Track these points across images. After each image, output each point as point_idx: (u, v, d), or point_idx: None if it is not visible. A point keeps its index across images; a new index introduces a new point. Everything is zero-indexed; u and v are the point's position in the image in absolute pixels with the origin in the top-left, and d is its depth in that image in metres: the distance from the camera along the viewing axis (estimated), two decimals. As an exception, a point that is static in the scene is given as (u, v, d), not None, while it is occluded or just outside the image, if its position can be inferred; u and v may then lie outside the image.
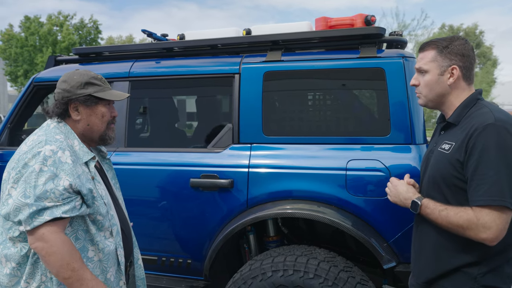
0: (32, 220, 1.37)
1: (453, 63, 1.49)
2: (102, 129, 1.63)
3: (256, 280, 1.98)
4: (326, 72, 2.25)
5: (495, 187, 1.30)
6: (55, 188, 1.39)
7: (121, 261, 1.62)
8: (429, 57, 1.53)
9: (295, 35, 2.34)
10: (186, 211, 2.31)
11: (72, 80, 1.58)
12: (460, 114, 1.49)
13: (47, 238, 1.38)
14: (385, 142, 2.10)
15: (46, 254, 1.38)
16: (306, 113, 2.34)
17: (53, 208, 1.39)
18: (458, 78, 1.50)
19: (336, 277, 1.90)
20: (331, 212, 2.07)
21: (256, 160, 2.23)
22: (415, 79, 1.60)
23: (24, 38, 34.28)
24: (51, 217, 1.38)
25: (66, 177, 1.42)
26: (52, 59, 2.96)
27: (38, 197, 1.38)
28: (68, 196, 1.42)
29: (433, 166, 1.53)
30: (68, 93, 1.56)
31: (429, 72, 1.53)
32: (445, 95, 1.53)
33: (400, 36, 2.37)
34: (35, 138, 1.50)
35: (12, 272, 1.48)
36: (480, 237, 1.33)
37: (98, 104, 1.61)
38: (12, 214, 1.39)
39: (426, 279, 1.53)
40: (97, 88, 1.59)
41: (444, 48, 1.51)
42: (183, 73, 2.46)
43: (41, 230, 1.38)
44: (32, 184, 1.38)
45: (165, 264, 2.42)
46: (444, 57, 1.50)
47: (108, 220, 1.57)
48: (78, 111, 1.59)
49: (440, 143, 1.53)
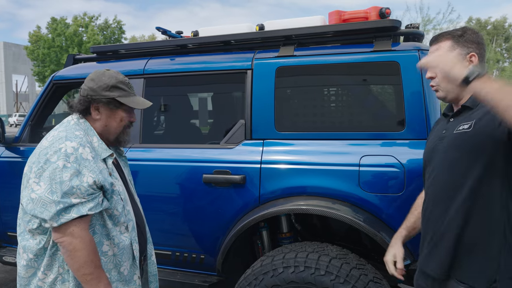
0: (59, 217, 1.40)
1: (471, 50, 1.46)
2: (118, 131, 1.66)
3: (267, 276, 1.98)
4: (339, 66, 2.22)
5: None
6: (80, 184, 1.42)
7: (136, 256, 1.64)
8: (447, 46, 1.48)
9: (308, 29, 2.31)
10: (199, 206, 2.32)
11: (100, 81, 1.60)
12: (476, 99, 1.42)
13: (76, 234, 1.41)
14: (400, 137, 2.05)
15: (73, 249, 1.41)
16: (319, 109, 2.30)
17: (79, 205, 1.42)
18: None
19: (348, 274, 1.87)
20: (343, 209, 2.04)
21: (268, 156, 2.22)
22: (431, 72, 1.51)
23: (51, 39, 35.37)
24: (78, 214, 1.41)
25: (89, 173, 1.45)
26: (71, 58, 3.03)
27: (65, 193, 1.40)
28: (93, 192, 1.45)
29: (452, 148, 1.42)
30: (93, 92, 1.59)
31: None
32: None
33: (417, 28, 2.31)
34: (56, 133, 1.53)
35: (29, 264, 1.53)
36: None
37: (119, 109, 1.63)
38: (38, 210, 1.41)
39: (439, 274, 1.47)
40: (122, 93, 1.61)
41: (460, 37, 1.47)
42: (196, 70, 2.47)
43: (70, 226, 1.41)
44: (57, 180, 1.41)
45: (179, 259, 2.44)
46: (462, 46, 1.46)
47: (124, 216, 1.60)
48: (99, 111, 1.61)
49: (453, 127, 1.45)
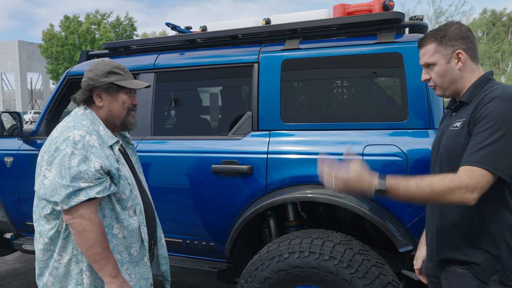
0: (69, 200, 1.50)
1: (456, 48, 1.50)
2: (123, 115, 1.74)
3: (273, 261, 2.05)
4: (343, 58, 2.27)
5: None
6: (88, 169, 1.52)
7: (144, 238, 1.73)
8: (431, 50, 1.54)
9: (313, 23, 2.37)
10: (208, 196, 2.41)
11: (97, 69, 1.70)
12: (472, 93, 1.48)
13: (86, 216, 1.51)
14: (403, 127, 2.10)
15: (83, 230, 1.51)
16: (324, 100, 2.36)
17: (87, 189, 1.52)
18: (466, 60, 1.49)
19: (351, 259, 1.94)
20: (348, 197, 2.10)
21: (274, 147, 2.29)
22: (425, 74, 1.59)
23: (64, 37, 35.86)
24: (86, 197, 1.51)
25: (96, 159, 1.54)
26: (84, 54, 3.14)
27: (73, 178, 1.50)
28: (100, 177, 1.55)
29: (446, 144, 1.51)
30: (92, 81, 1.69)
31: (436, 64, 1.53)
32: (458, 80, 1.52)
33: (421, 20, 2.34)
34: (64, 124, 1.63)
35: (45, 247, 1.63)
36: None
37: (119, 92, 1.72)
38: (49, 194, 1.51)
39: (440, 258, 1.53)
40: (119, 77, 1.71)
41: (442, 38, 1.51)
42: (204, 64, 2.55)
43: (80, 209, 1.51)
44: (66, 166, 1.51)
45: (189, 246, 2.54)
46: (445, 46, 1.51)
47: (132, 200, 1.69)
48: (101, 98, 1.71)
49: (451, 123, 1.53)
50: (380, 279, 1.91)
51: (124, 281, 1.60)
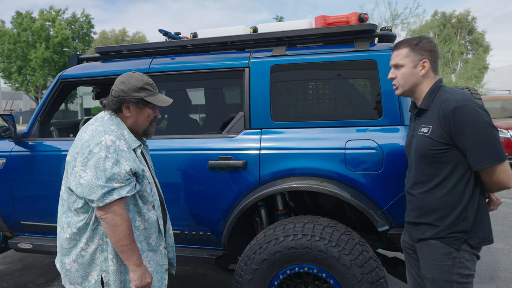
0: (104, 198, 1.69)
1: (424, 57, 1.82)
2: (146, 125, 1.95)
3: (270, 244, 2.32)
4: (325, 64, 2.57)
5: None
6: (120, 171, 1.71)
7: (161, 229, 1.95)
8: (404, 54, 1.85)
9: (297, 32, 2.65)
10: (206, 189, 2.63)
11: (130, 84, 1.86)
12: (428, 100, 1.81)
13: (118, 212, 1.70)
14: (378, 124, 2.42)
15: (115, 224, 1.70)
16: (309, 101, 2.65)
17: (119, 188, 1.71)
18: (428, 69, 1.83)
19: (339, 239, 2.24)
20: (332, 186, 2.40)
21: (266, 143, 2.55)
22: (392, 73, 1.92)
23: (16, 34, 34.15)
24: (119, 196, 1.70)
25: (126, 162, 1.74)
26: (75, 58, 3.25)
27: (108, 179, 1.69)
28: (129, 178, 1.75)
29: (417, 147, 1.83)
30: (124, 93, 1.85)
31: (404, 66, 1.85)
32: (418, 84, 1.85)
33: (390, 31, 2.69)
34: (94, 128, 1.80)
35: (72, 236, 1.81)
36: None
37: (146, 106, 1.90)
38: (86, 193, 1.69)
39: (420, 238, 1.85)
40: (148, 93, 1.88)
41: (415, 46, 1.84)
42: (199, 68, 2.76)
43: (113, 206, 1.70)
44: (101, 168, 1.69)
45: (187, 237, 2.75)
46: (416, 53, 1.83)
47: (151, 196, 1.90)
48: (129, 109, 1.88)
49: (418, 127, 1.85)
50: (363, 254, 2.23)
51: (146, 269, 1.81)
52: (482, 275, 3.63)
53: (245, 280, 2.37)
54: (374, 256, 2.29)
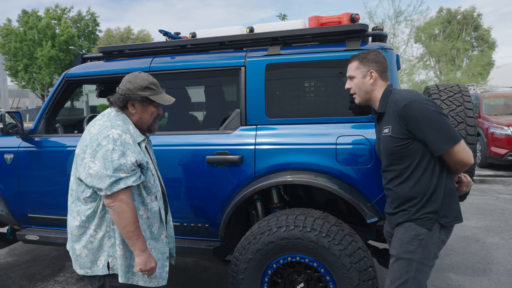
0: (112, 187, 1.82)
1: (371, 68, 2.05)
2: (150, 122, 2.08)
3: (264, 235, 2.43)
4: (318, 63, 2.67)
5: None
6: (126, 163, 1.85)
7: (163, 219, 2.08)
8: (354, 66, 2.11)
9: (292, 32, 2.75)
10: (204, 183, 2.75)
11: (136, 83, 2.00)
12: (383, 103, 2.03)
13: (124, 200, 1.84)
14: (367, 120, 2.52)
15: (121, 211, 1.83)
16: (302, 98, 2.76)
17: (126, 178, 1.84)
18: (376, 78, 2.06)
19: (329, 230, 2.35)
20: (324, 180, 2.51)
21: (261, 139, 2.66)
22: (348, 84, 2.17)
23: (22, 33, 34.48)
24: (125, 185, 1.84)
25: (131, 154, 1.88)
26: (79, 57, 3.38)
27: (115, 169, 1.82)
28: (134, 168, 1.88)
29: (384, 147, 2.02)
30: (130, 92, 1.99)
31: (356, 77, 2.10)
32: (370, 92, 2.08)
33: (381, 31, 2.78)
34: (101, 123, 1.93)
35: (81, 224, 1.95)
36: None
37: (150, 105, 2.04)
38: (95, 182, 1.83)
39: (397, 222, 2.01)
40: (152, 92, 2.02)
41: (363, 59, 2.08)
42: (197, 67, 2.88)
43: (120, 194, 1.83)
44: (109, 159, 1.83)
45: (186, 229, 2.87)
46: (364, 65, 2.07)
47: (155, 187, 2.03)
48: (134, 106, 2.02)
49: (382, 130, 2.04)
50: (352, 245, 2.34)
51: (151, 255, 1.94)
52: (475, 268, 3.72)
53: (240, 269, 2.48)
54: (363, 246, 2.40)
